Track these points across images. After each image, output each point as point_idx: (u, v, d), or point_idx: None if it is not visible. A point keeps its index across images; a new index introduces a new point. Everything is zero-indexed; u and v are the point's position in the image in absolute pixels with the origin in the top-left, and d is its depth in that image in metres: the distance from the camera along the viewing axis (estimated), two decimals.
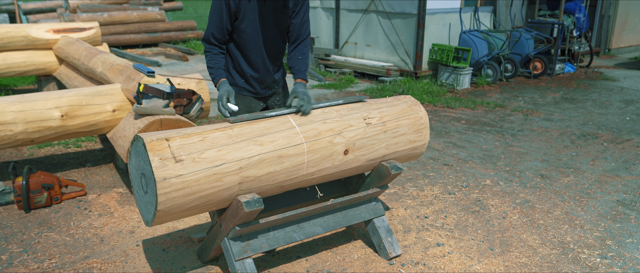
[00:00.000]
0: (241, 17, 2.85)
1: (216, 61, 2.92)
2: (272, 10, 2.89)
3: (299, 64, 3.00)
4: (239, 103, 3.07)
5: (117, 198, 3.88)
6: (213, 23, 2.86)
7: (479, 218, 3.65)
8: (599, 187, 4.26)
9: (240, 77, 3.06)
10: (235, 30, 2.91)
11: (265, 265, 2.99)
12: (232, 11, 2.82)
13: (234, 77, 3.06)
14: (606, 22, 11.80)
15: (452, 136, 5.63)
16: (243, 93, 3.09)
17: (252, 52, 2.95)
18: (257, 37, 2.92)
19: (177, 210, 2.30)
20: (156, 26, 12.61)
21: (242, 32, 2.89)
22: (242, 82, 3.07)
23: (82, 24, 6.24)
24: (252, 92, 3.10)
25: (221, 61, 2.93)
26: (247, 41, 2.92)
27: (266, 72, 3.05)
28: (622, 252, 3.22)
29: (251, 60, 2.98)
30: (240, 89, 3.08)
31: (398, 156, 3.04)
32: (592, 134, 5.77)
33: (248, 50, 2.95)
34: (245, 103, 3.10)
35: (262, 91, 3.12)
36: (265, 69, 3.04)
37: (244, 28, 2.88)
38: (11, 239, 3.25)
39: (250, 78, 3.04)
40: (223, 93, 2.80)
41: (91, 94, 3.99)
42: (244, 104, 3.10)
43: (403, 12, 8.47)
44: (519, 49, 9.01)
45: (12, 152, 4.87)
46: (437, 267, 3.01)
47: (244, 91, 3.08)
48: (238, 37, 2.92)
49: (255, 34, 2.90)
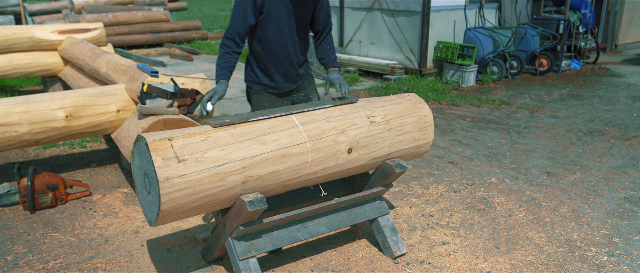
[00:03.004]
0: (266, 12, 2.94)
1: (226, 60, 2.96)
2: (296, 5, 3.01)
3: (329, 53, 3.22)
4: (263, 102, 3.18)
5: (122, 198, 3.89)
6: (237, 18, 2.93)
7: (485, 216, 3.63)
8: (606, 184, 4.23)
9: (264, 75, 3.16)
10: (259, 25, 2.99)
11: (269, 265, 2.98)
12: (258, 5, 2.92)
13: (258, 75, 3.17)
14: (613, 18, 11.71)
15: (457, 133, 5.61)
16: (268, 91, 3.19)
17: (276, 45, 3.04)
18: (281, 30, 3.01)
19: (180, 210, 2.29)
20: (161, 26, 12.63)
21: (266, 26, 2.98)
22: (266, 80, 3.17)
23: (87, 25, 6.26)
24: (276, 89, 3.19)
25: (231, 61, 2.98)
26: (272, 34, 3.01)
27: (290, 66, 3.15)
28: (629, 250, 3.19)
29: (275, 54, 3.07)
30: (265, 87, 3.18)
31: (402, 155, 3.02)
32: (599, 131, 5.72)
33: (272, 44, 3.04)
34: (270, 101, 3.19)
35: (285, 85, 3.21)
36: (289, 62, 3.13)
37: (268, 22, 2.97)
38: (16, 240, 3.27)
39: (274, 74, 3.13)
40: (210, 91, 2.84)
41: (95, 95, 3.99)
42: (268, 102, 3.19)
43: (407, 10, 8.44)
44: (525, 46, 8.96)
45: (18, 153, 4.89)
46: (442, 265, 2.99)
47: (269, 88, 3.19)
48: (262, 32, 3.00)
49: (279, 27, 3.00)
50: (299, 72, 3.22)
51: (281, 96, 3.24)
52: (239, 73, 9.39)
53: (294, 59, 3.14)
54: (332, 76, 3.08)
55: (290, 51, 3.09)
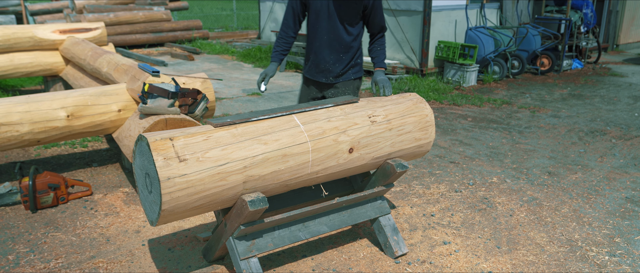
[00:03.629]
0: (310, 8, 3.42)
1: (278, 44, 3.53)
2: (339, 5, 3.32)
3: (377, 53, 3.49)
4: (303, 85, 3.70)
5: (123, 197, 3.89)
6: (287, 13, 3.48)
7: (486, 216, 3.63)
8: (608, 184, 4.22)
9: (305, 61, 3.64)
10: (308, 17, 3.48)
11: (270, 264, 2.98)
12: (303, 2, 3.42)
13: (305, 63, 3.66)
14: (614, 17, 11.69)
15: (458, 133, 5.60)
16: (306, 75, 3.64)
17: (315, 36, 3.45)
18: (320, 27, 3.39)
19: (181, 210, 2.29)
20: (162, 26, 12.64)
21: (309, 21, 3.47)
22: (306, 69, 3.63)
23: (88, 25, 6.26)
24: (310, 75, 3.59)
25: (283, 45, 3.52)
26: (312, 29, 3.46)
27: (323, 61, 3.48)
28: (631, 250, 3.19)
29: (314, 44, 3.48)
30: (306, 71, 3.63)
31: (403, 154, 3.02)
32: (600, 131, 5.72)
33: (313, 34, 3.45)
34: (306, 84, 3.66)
35: (317, 75, 3.55)
36: (323, 58, 3.47)
37: (311, 18, 3.44)
38: (18, 239, 3.27)
39: (311, 60, 3.54)
40: (262, 73, 3.45)
41: (97, 94, 4.00)
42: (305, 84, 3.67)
43: (409, 10, 8.44)
44: (526, 46, 8.95)
45: (19, 152, 4.89)
46: (443, 265, 2.99)
47: (307, 73, 3.62)
48: (308, 23, 3.49)
49: (319, 23, 3.39)
50: (332, 68, 3.48)
51: (315, 84, 3.60)
52: (239, 73, 9.39)
53: (328, 54, 3.44)
54: (377, 78, 3.37)
55: (325, 45, 3.42)
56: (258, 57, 10.72)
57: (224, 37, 14.31)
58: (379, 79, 3.35)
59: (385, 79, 3.33)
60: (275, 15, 11.99)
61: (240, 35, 14.77)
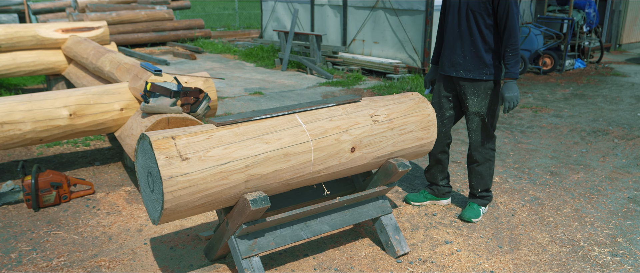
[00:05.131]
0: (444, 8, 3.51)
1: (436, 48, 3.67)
2: (466, 7, 3.29)
3: (506, 59, 3.23)
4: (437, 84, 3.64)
5: (125, 196, 3.90)
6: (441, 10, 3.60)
7: (488, 215, 3.63)
8: (610, 184, 4.22)
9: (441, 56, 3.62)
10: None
11: (272, 263, 2.98)
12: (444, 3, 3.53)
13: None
14: (617, 17, 11.67)
15: (460, 132, 5.60)
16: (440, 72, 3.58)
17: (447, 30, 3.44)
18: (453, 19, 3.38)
19: (183, 209, 2.30)
20: (164, 25, 12.66)
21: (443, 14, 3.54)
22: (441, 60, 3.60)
23: (91, 24, 6.28)
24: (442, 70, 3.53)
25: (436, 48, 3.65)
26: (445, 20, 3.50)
27: (454, 52, 3.40)
28: (633, 250, 3.18)
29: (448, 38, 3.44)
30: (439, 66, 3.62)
31: (405, 154, 3.02)
32: (603, 131, 5.71)
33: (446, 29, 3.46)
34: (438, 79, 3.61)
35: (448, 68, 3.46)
36: (448, 59, 3.44)
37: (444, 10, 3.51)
38: (20, 237, 3.28)
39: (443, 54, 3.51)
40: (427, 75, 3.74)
41: (99, 93, 4.00)
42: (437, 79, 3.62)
43: (411, 9, 8.43)
44: (528, 45, 8.94)
45: (22, 151, 4.91)
46: (445, 264, 2.99)
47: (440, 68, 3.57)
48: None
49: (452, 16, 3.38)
50: (462, 61, 3.36)
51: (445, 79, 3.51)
52: (241, 72, 9.40)
53: (460, 47, 3.35)
54: (503, 91, 3.23)
55: (458, 37, 3.35)
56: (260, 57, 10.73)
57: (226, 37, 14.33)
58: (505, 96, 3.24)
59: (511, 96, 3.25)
60: (277, 14, 11.99)
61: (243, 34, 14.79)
